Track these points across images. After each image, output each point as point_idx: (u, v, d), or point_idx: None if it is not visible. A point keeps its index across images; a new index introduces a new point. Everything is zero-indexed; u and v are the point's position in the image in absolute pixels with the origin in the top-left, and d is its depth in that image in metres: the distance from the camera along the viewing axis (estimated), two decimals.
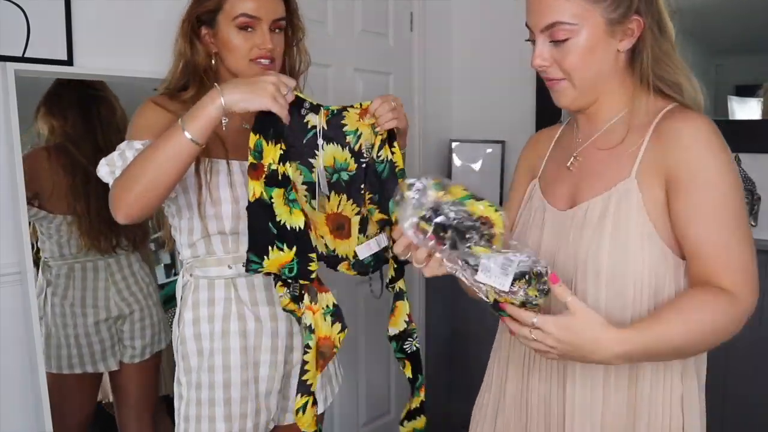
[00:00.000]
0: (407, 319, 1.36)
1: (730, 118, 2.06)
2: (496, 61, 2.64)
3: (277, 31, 1.35)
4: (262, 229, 1.19)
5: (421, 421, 1.40)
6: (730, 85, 2.06)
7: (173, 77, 1.37)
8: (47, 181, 1.66)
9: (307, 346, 1.25)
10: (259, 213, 1.19)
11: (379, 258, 1.33)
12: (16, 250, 1.49)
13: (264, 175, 1.19)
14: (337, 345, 1.27)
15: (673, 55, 1.07)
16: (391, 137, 1.30)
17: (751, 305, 0.98)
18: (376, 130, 1.28)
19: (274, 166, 1.19)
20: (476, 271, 0.93)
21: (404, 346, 1.37)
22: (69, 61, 1.55)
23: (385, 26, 2.47)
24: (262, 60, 1.33)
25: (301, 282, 1.24)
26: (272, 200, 1.19)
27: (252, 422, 1.35)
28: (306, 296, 1.26)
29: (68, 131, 1.71)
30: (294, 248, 1.19)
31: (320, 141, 1.27)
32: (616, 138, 1.09)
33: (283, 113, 1.16)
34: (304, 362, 1.25)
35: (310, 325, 1.25)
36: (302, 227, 1.19)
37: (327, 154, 1.28)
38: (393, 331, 1.37)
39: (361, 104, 1.29)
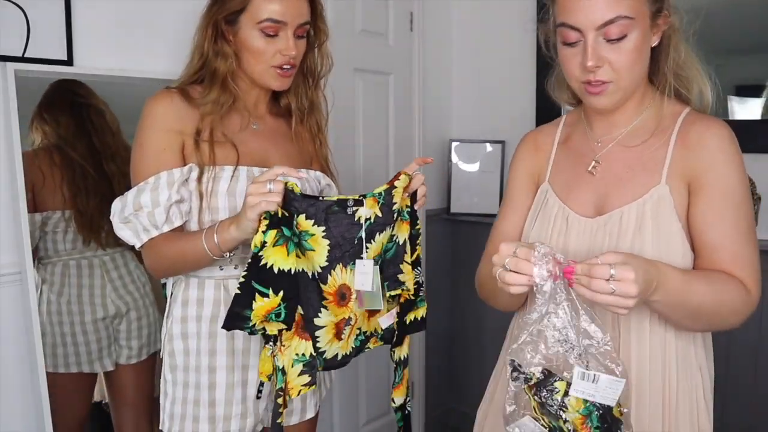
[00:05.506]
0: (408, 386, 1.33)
1: (730, 118, 2.06)
2: (496, 61, 2.64)
3: (300, 36, 1.32)
4: (247, 283, 1.13)
5: None
6: (730, 85, 2.06)
7: (188, 72, 1.34)
8: (37, 175, 1.63)
9: (280, 389, 1.18)
10: (250, 266, 1.13)
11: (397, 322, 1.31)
12: (16, 250, 1.49)
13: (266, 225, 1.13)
14: (291, 394, 1.18)
15: (688, 51, 1.08)
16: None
17: (756, 301, 1.03)
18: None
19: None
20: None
21: (405, 413, 1.35)
22: (69, 61, 1.55)
23: (385, 26, 2.47)
24: (285, 66, 1.31)
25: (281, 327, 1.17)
26: (264, 245, 1.12)
27: (237, 425, 1.32)
28: (280, 338, 1.19)
29: (61, 133, 1.70)
30: (281, 293, 1.13)
31: (362, 234, 1.18)
32: (638, 141, 1.09)
33: (272, 206, 1.11)
34: (278, 405, 1.19)
35: (282, 368, 1.18)
36: (292, 269, 1.14)
37: (377, 244, 1.21)
38: (399, 400, 1.33)
39: (403, 176, 1.21)
